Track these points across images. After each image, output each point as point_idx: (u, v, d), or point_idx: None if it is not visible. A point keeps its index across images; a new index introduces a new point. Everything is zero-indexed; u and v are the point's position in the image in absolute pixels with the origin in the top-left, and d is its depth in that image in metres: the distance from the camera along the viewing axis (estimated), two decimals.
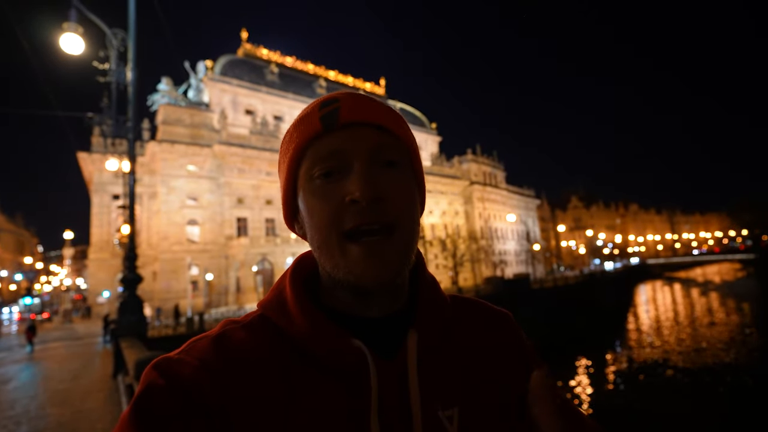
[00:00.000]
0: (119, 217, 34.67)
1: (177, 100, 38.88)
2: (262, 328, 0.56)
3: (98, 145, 36.16)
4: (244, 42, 52.48)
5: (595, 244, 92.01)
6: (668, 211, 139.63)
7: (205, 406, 0.47)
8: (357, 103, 0.56)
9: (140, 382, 0.49)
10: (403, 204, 0.54)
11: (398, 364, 0.54)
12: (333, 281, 0.56)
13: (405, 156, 0.58)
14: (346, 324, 0.55)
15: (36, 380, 10.26)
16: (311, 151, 0.55)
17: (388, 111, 0.58)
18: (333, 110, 0.54)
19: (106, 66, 9.87)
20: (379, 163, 0.54)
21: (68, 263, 68.50)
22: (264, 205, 39.89)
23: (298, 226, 0.60)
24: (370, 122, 0.55)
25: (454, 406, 0.54)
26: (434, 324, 0.59)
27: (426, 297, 0.61)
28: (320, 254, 0.55)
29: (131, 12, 9.46)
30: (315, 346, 0.52)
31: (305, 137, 0.55)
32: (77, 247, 70.64)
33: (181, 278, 33.86)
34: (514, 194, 72.64)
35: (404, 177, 0.56)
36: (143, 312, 9.24)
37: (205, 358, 0.50)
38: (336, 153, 0.53)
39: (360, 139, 0.54)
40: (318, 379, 0.51)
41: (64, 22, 8.05)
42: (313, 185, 0.54)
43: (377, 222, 0.51)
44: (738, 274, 68.10)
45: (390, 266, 0.52)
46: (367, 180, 0.51)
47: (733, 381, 16.05)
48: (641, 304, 43.80)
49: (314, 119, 0.55)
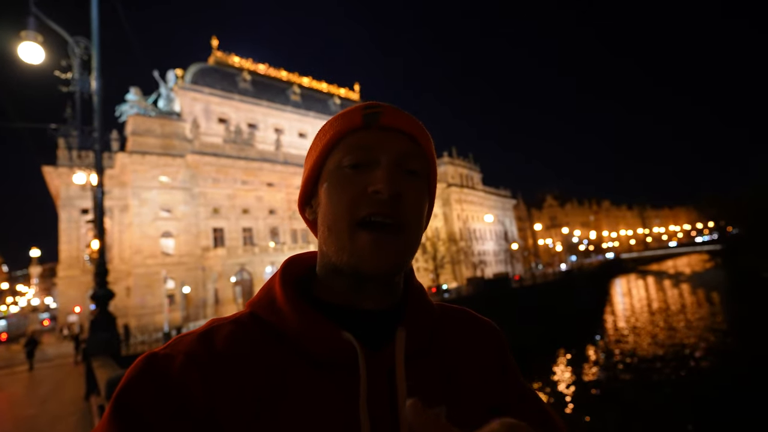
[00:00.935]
0: (89, 232, 33.45)
1: (147, 110, 37.92)
2: (250, 323, 0.56)
3: (64, 158, 34.86)
4: (215, 50, 51.67)
5: (570, 242, 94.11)
6: (639, 206, 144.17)
7: (191, 400, 0.47)
8: (397, 113, 0.60)
9: (124, 376, 0.49)
10: (414, 209, 0.57)
11: (387, 357, 0.55)
12: (332, 267, 0.57)
13: (425, 169, 0.62)
14: (338, 316, 0.56)
15: (0, 406, 9.72)
16: (346, 142, 0.59)
17: (420, 126, 0.62)
18: (375, 113, 0.59)
19: (69, 75, 9.50)
20: (402, 167, 0.58)
21: (36, 282, 65.68)
22: (241, 215, 39.23)
23: (309, 210, 0.64)
24: (405, 131, 0.59)
25: (440, 403, 0.54)
26: (422, 326, 0.61)
27: (415, 300, 0.63)
28: (328, 235, 0.57)
29: (94, 19, 9.15)
30: (304, 339, 0.53)
31: (345, 128, 0.59)
32: (45, 265, 67.88)
33: (156, 292, 32.86)
34: (491, 195, 73.68)
35: (421, 187, 0.60)
36: (116, 329, 8.88)
37: (192, 352, 0.50)
38: (369, 148, 0.57)
39: (393, 142, 0.58)
40: (307, 372, 0.52)
41: (23, 31, 7.72)
42: (340, 173, 0.58)
43: (390, 217, 0.54)
44: (706, 265, 70.84)
45: (392, 259, 0.54)
46: (391, 176, 0.55)
47: (706, 368, 16.61)
48: (617, 297, 44.98)
49: (357, 116, 0.59)
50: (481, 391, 0.61)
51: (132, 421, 0.44)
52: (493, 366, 0.65)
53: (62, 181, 34.71)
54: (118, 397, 0.46)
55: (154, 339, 20.60)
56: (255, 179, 40.88)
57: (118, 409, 0.45)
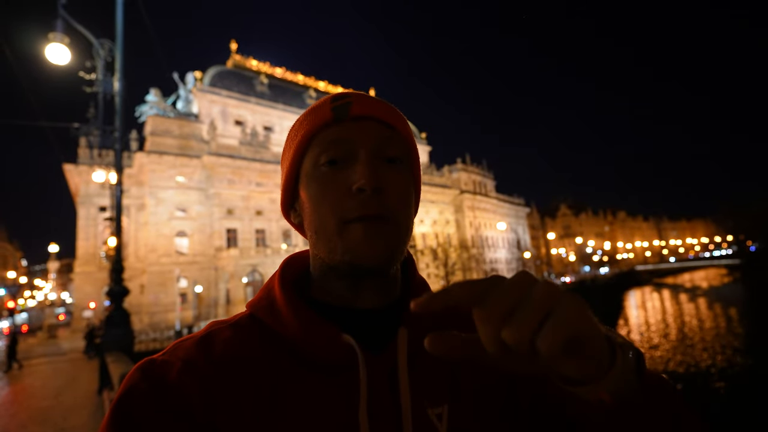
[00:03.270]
0: (106, 229, 34.13)
1: (166, 111, 38.65)
2: (249, 326, 0.55)
3: (85, 156, 35.68)
4: (234, 53, 52.53)
5: (584, 252, 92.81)
6: (655, 218, 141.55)
7: (189, 407, 0.46)
8: (367, 100, 0.58)
9: (122, 384, 0.48)
10: (400, 199, 0.55)
11: (388, 359, 0.53)
12: (327, 269, 0.56)
13: (406, 154, 0.59)
14: (337, 317, 0.55)
15: (16, 398, 9.94)
16: (319, 139, 0.56)
17: (394, 111, 0.60)
18: (345, 104, 0.57)
19: (93, 76, 9.76)
20: (382, 157, 0.56)
21: (53, 277, 67.07)
22: (254, 216, 39.59)
23: (294, 214, 0.62)
24: (379, 118, 0.57)
25: (443, 404, 0.53)
26: (425, 324, 0.57)
27: (417, 296, 0.60)
28: (317, 239, 0.56)
29: (119, 22, 9.40)
30: (304, 342, 0.52)
31: (315, 125, 0.57)
32: (63, 261, 69.27)
33: (169, 291, 33.30)
34: (503, 203, 73.11)
35: (403, 174, 0.58)
36: (130, 325, 9.02)
37: (190, 359, 0.49)
38: (343, 141, 0.55)
39: (367, 131, 0.56)
40: (307, 375, 0.51)
41: (50, 32, 7.96)
42: (318, 172, 0.56)
43: (377, 212, 0.53)
44: (724, 279, 69.09)
45: (383, 246, 0.52)
46: (371, 169, 0.53)
47: (722, 385, 16.16)
48: (631, 310, 44.11)
49: (326, 110, 0.57)
50: (486, 390, 0.58)
51: (131, 429, 0.44)
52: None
53: (82, 179, 35.51)
54: (117, 404, 0.46)
55: (166, 337, 20.86)
56: (269, 181, 41.26)
57: (117, 418, 0.45)
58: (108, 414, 0.45)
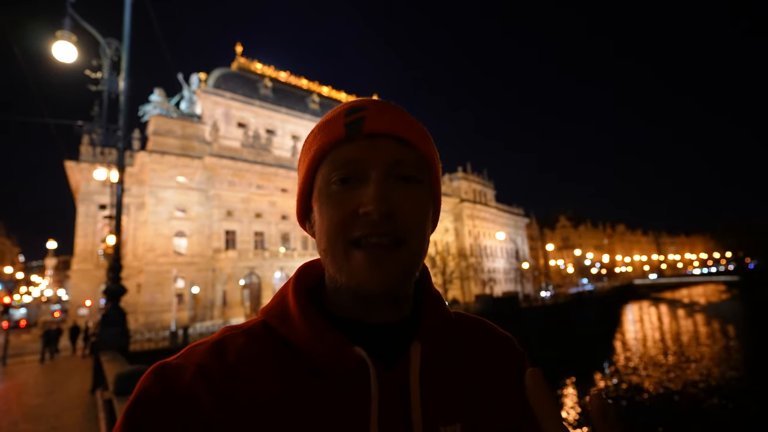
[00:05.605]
0: (105, 227, 34.04)
1: (169, 111, 38.76)
2: (262, 334, 0.55)
3: (87, 154, 35.75)
4: (239, 56, 52.83)
5: (583, 264, 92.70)
6: (654, 232, 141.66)
7: (202, 413, 0.46)
8: (383, 114, 0.55)
9: (135, 388, 0.48)
10: (414, 220, 0.53)
11: (400, 374, 0.52)
12: (336, 286, 0.55)
13: (424, 172, 0.57)
14: (349, 331, 0.54)
15: (9, 395, 9.86)
16: (331, 156, 0.55)
17: (412, 124, 0.57)
18: (358, 119, 0.54)
19: (99, 75, 9.80)
20: (395, 176, 0.54)
21: (50, 273, 66.90)
22: (253, 219, 39.56)
23: (309, 225, 0.60)
24: (393, 134, 0.54)
25: (456, 422, 0.53)
26: (438, 338, 0.57)
27: (431, 310, 0.60)
28: (326, 257, 0.55)
29: (126, 22, 9.46)
30: (316, 354, 0.52)
31: (328, 141, 0.55)
32: (60, 258, 69.11)
33: (166, 291, 33.17)
34: (503, 212, 73.16)
35: (419, 193, 0.55)
36: (126, 325, 8.98)
37: (204, 364, 0.49)
38: (355, 162, 0.53)
39: (380, 151, 0.53)
40: (319, 387, 0.51)
41: (58, 30, 8.01)
42: (329, 190, 0.54)
43: (386, 235, 0.51)
44: (723, 296, 68.99)
45: (392, 277, 0.51)
46: (381, 193, 0.51)
47: (719, 402, 16.08)
48: (628, 325, 43.98)
49: (339, 125, 0.55)
50: (500, 409, 0.58)
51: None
52: (513, 383, 0.61)
53: (83, 176, 35.54)
54: (130, 409, 0.46)
55: (161, 337, 20.73)
56: (270, 184, 41.28)
57: (131, 422, 0.45)
58: (121, 417, 0.46)
